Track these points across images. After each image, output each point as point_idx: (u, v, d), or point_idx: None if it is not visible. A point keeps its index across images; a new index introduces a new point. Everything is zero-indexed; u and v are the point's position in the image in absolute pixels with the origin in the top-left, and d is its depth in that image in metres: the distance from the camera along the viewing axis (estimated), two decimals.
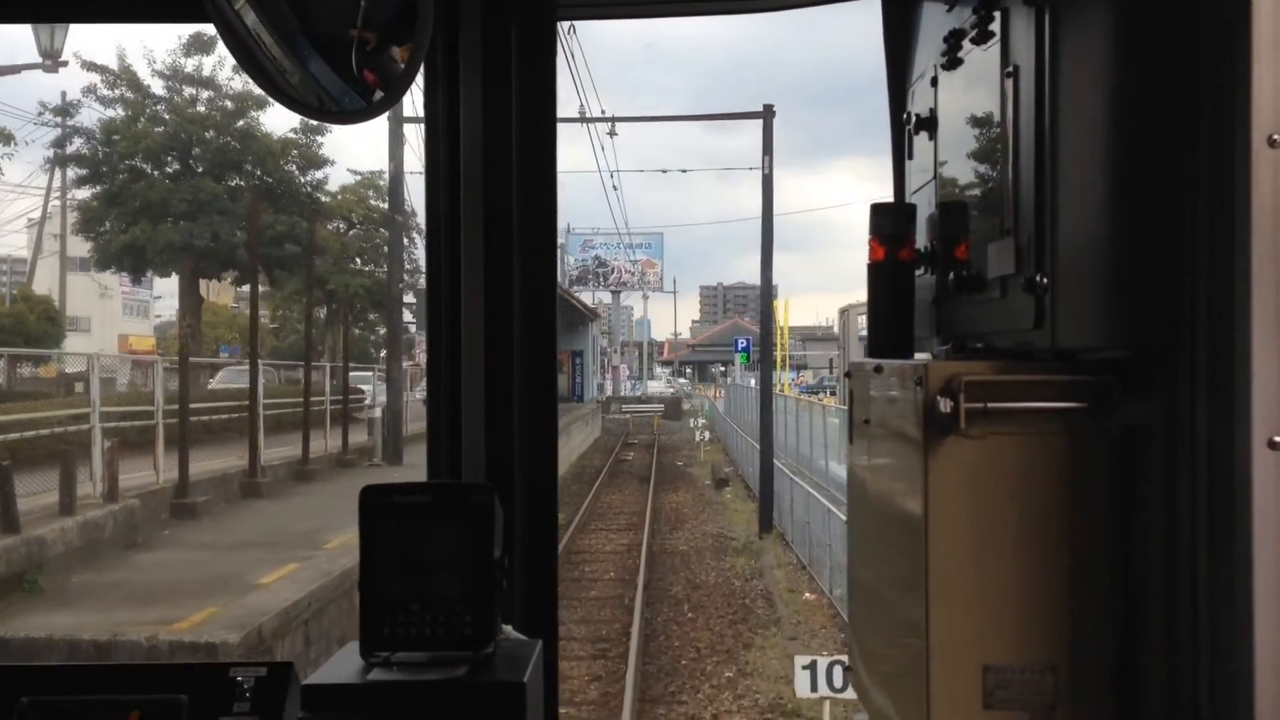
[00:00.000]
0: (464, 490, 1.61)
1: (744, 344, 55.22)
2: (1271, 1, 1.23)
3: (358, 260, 35.39)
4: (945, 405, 1.46)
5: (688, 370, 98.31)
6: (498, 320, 1.81)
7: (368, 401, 27.96)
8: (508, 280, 1.82)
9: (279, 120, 32.54)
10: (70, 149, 31.05)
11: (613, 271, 69.45)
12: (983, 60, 1.63)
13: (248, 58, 1.58)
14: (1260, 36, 1.22)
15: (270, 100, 1.61)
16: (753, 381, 47.17)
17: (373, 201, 36.33)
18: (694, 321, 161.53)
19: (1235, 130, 1.24)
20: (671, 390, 79.06)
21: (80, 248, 36.31)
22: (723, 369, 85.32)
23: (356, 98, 1.60)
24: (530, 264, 1.85)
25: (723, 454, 35.95)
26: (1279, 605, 1.23)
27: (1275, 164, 1.22)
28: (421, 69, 1.64)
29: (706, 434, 38.89)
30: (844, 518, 10.59)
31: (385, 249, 32.00)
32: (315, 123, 25.71)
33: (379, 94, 1.61)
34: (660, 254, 70.79)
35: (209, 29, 1.67)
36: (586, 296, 64.82)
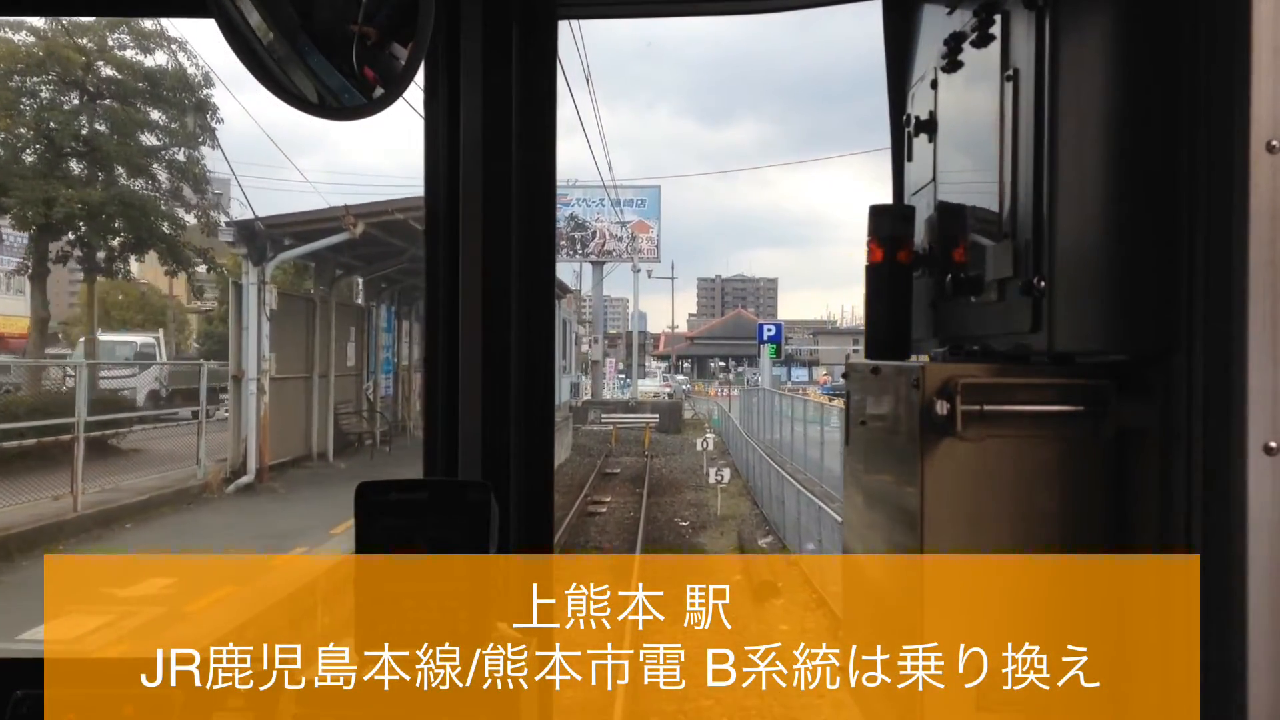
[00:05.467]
0: (460, 487, 1.61)
1: (772, 332, 43.78)
2: (1271, 7, 1.23)
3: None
4: (942, 407, 1.46)
5: (685, 365, 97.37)
6: (495, 318, 1.82)
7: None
8: (506, 278, 1.82)
9: None
10: None
11: (594, 236, 50.21)
12: (983, 63, 1.63)
13: (248, 52, 1.58)
14: (1260, 42, 1.23)
15: None
16: (763, 381, 38.27)
17: (127, 52, 20.75)
18: (691, 315, 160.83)
19: (1234, 135, 1.24)
20: (668, 391, 62.40)
21: None
22: (723, 364, 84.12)
23: (357, 94, 1.60)
24: (528, 262, 1.86)
25: (749, 502, 21.96)
26: (1273, 608, 1.23)
27: (1274, 169, 1.23)
28: (422, 67, 1.64)
29: (726, 473, 22.07)
30: None
31: (171, 151, 20.63)
32: None
33: (379, 90, 1.61)
34: (656, 214, 51.55)
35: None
36: (566, 273, 48.37)
